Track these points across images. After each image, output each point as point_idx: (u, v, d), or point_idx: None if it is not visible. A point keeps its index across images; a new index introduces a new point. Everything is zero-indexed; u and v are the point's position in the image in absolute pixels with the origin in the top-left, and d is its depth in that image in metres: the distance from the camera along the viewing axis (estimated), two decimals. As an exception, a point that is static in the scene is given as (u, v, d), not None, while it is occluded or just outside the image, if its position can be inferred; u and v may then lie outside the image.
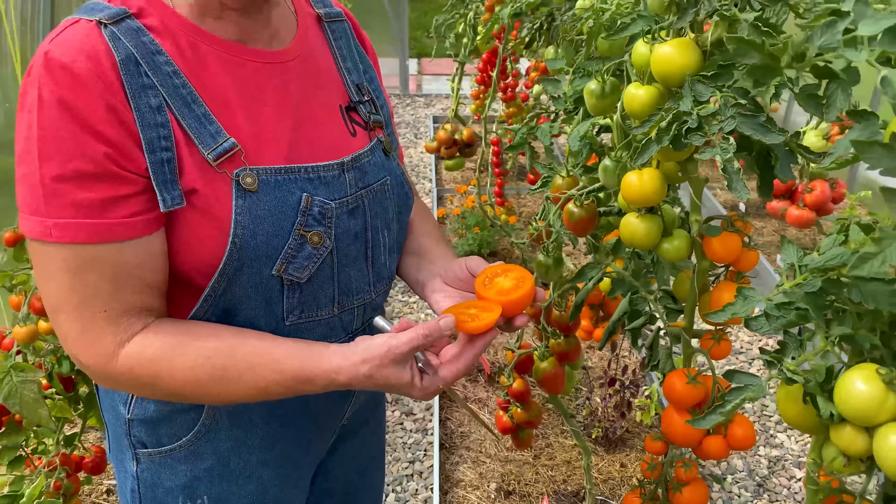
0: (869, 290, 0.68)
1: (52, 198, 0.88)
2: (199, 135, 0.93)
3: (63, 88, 0.87)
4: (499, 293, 1.05)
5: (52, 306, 0.94)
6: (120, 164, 0.89)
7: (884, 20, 0.51)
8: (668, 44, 0.98)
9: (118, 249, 0.91)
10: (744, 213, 4.33)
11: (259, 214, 0.96)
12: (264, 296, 1.00)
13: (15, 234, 1.72)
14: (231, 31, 0.99)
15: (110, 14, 0.91)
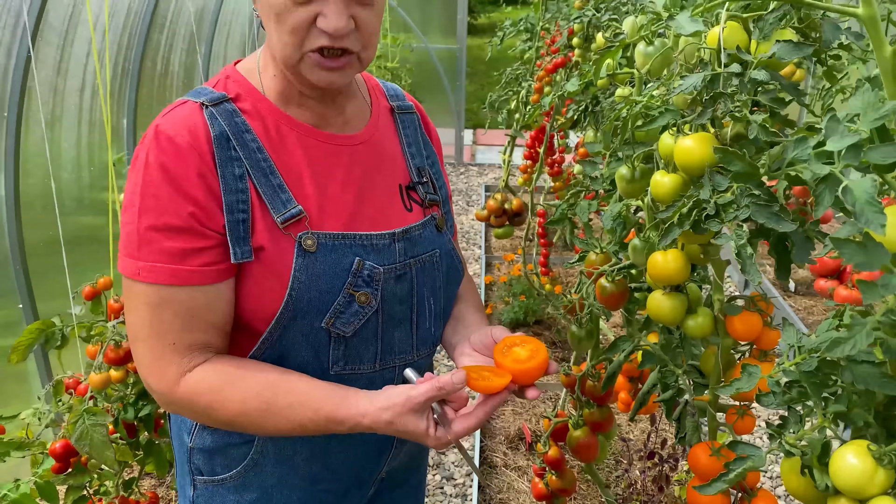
0: (859, 371, 0.74)
1: (144, 244, 1.04)
2: (272, 201, 1.08)
3: (165, 155, 1.04)
4: (514, 361, 1.12)
5: (133, 335, 1.09)
6: (201, 222, 1.04)
7: (847, 138, 0.59)
8: (691, 137, 1.06)
9: (191, 292, 1.05)
10: (793, 291, 4.30)
11: (315, 273, 1.09)
12: (313, 345, 1.12)
13: (93, 288, 1.89)
14: (309, 116, 1.15)
15: (212, 98, 1.09)
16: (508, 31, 3.81)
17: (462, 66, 7.20)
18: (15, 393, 2.65)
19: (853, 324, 0.65)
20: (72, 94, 2.78)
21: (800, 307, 4.14)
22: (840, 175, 0.59)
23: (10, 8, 2.29)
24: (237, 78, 1.15)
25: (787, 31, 1.02)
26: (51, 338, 1.72)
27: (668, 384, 1.40)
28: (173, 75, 3.79)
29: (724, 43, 1.00)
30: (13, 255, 2.43)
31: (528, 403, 3.48)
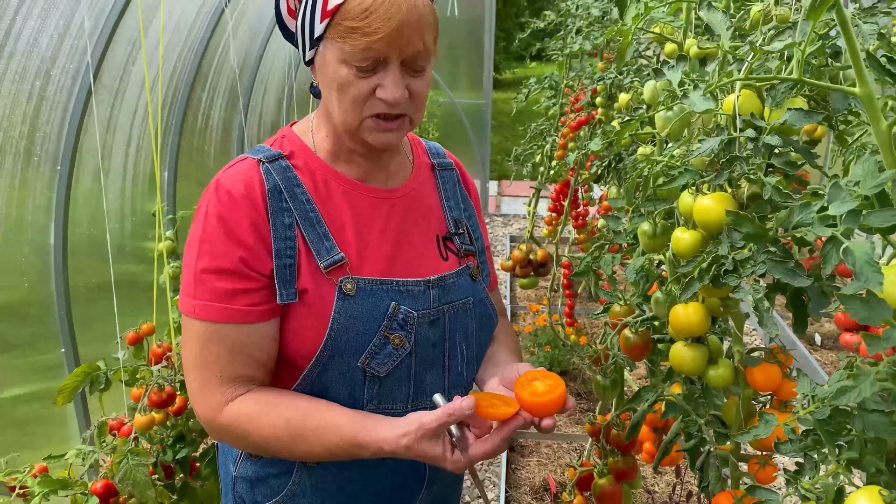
0: (870, 420, 0.79)
1: (198, 284, 1.15)
2: (317, 248, 1.18)
3: (222, 206, 1.15)
4: (531, 394, 1.17)
5: (186, 365, 1.19)
6: (249, 266, 1.15)
7: (847, 203, 0.65)
8: (709, 196, 1.12)
9: (237, 329, 1.15)
10: (819, 345, 4.28)
11: (353, 315, 1.17)
12: (349, 383, 1.20)
13: (136, 334, 1.97)
14: (355, 172, 1.26)
15: (268, 155, 1.21)
16: (533, 88, 3.94)
17: (487, 119, 7.38)
18: (50, 435, 2.73)
19: (858, 373, 0.70)
20: (119, 148, 2.93)
21: (826, 361, 4.11)
22: (841, 237, 0.65)
23: (67, 70, 2.45)
24: (292, 138, 1.27)
25: (798, 100, 1.09)
26: (95, 381, 1.80)
27: (691, 433, 1.43)
28: (212, 129, 3.96)
29: (739, 110, 1.07)
30: (58, 301, 2.53)
31: (552, 454, 3.48)
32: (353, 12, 1.08)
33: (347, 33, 1.09)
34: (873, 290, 0.63)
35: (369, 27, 1.08)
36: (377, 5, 1.07)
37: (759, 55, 0.93)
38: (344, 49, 1.11)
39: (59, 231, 2.50)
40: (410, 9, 1.09)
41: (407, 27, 1.09)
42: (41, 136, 2.46)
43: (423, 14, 1.11)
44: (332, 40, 1.12)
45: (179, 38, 3.37)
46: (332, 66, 1.14)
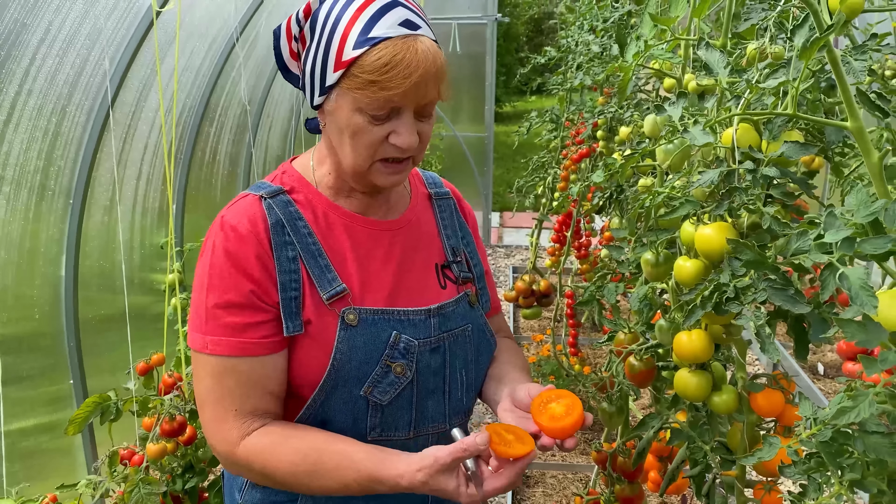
0: (870, 441, 0.81)
1: (210, 319, 1.16)
2: (319, 281, 1.20)
3: (229, 242, 1.17)
4: (550, 419, 1.18)
5: (201, 400, 1.20)
6: (260, 298, 1.16)
7: (842, 231, 0.68)
8: (710, 226, 1.15)
9: (251, 362, 1.16)
10: (823, 374, 4.28)
11: (355, 345, 1.19)
12: (353, 412, 1.21)
13: (146, 364, 2.00)
14: (356, 206, 1.29)
15: (270, 191, 1.23)
16: (535, 121, 4.00)
17: (489, 152, 7.46)
18: (58, 466, 2.73)
19: (857, 394, 0.73)
20: (129, 181, 2.98)
21: (829, 390, 4.12)
22: (837, 264, 0.68)
23: (82, 106, 2.52)
24: (292, 173, 1.29)
25: (794, 133, 1.13)
26: (106, 411, 1.82)
27: (696, 460, 1.44)
28: (220, 163, 4.03)
29: (737, 142, 1.11)
30: (68, 333, 2.56)
31: (557, 484, 3.47)
32: (371, 66, 1.10)
33: (365, 86, 1.11)
34: (869, 313, 0.67)
35: (390, 82, 1.10)
36: (397, 61, 1.09)
37: (756, 92, 0.97)
38: (360, 100, 1.12)
39: (71, 263, 2.54)
40: (428, 64, 1.12)
41: (424, 81, 1.12)
42: (55, 171, 2.51)
43: (440, 67, 1.14)
44: (348, 90, 1.13)
45: (189, 76, 3.45)
46: (346, 114, 1.15)
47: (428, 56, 1.12)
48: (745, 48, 1.24)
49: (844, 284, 0.67)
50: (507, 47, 14.76)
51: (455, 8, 7.15)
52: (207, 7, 3.42)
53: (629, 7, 2.38)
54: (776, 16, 1.17)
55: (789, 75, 0.90)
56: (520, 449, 1.15)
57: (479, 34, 7.15)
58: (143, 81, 2.88)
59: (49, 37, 2.33)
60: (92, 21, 2.45)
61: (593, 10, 2.92)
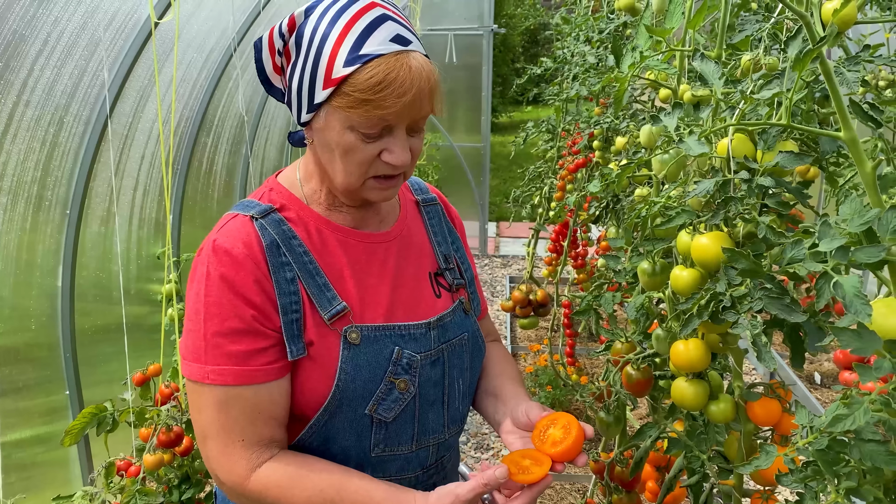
0: (866, 449, 0.81)
1: (210, 349, 1.12)
2: (319, 300, 1.17)
3: (224, 267, 1.13)
4: (552, 445, 1.19)
5: (202, 433, 1.15)
6: (262, 323, 1.13)
7: (836, 240, 0.69)
8: (706, 235, 1.15)
9: (256, 390, 1.13)
10: (819, 384, 4.28)
11: (359, 363, 1.17)
12: (357, 430, 1.20)
13: (143, 375, 1.99)
14: (349, 220, 1.26)
15: (260, 210, 1.19)
16: (531, 132, 4.01)
17: (486, 162, 7.48)
18: (53, 478, 2.72)
19: (852, 402, 0.73)
20: (126, 192, 2.99)
21: (826, 399, 4.12)
22: (832, 272, 0.69)
23: (80, 117, 2.52)
24: (279, 190, 1.25)
25: (789, 143, 1.14)
26: (103, 422, 1.81)
27: (693, 469, 1.45)
28: (216, 174, 4.03)
29: (733, 152, 1.12)
30: (64, 344, 2.56)
31: (556, 495, 3.46)
32: (364, 85, 1.07)
33: (357, 104, 1.08)
34: (863, 322, 0.67)
35: (384, 101, 1.07)
36: (389, 80, 1.06)
37: (750, 102, 0.98)
38: (352, 118, 1.09)
39: (67, 274, 2.54)
40: (422, 82, 1.09)
41: (418, 99, 1.09)
42: (52, 181, 2.51)
43: (433, 83, 1.12)
44: (339, 108, 1.10)
45: (187, 87, 3.46)
46: (336, 132, 1.12)
47: (422, 74, 1.09)
48: (739, 59, 1.25)
49: (839, 293, 0.67)
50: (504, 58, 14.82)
51: (451, 19, 7.19)
52: (205, 19, 3.43)
53: (624, 18, 2.40)
54: (770, 27, 1.18)
55: (783, 86, 0.91)
56: (538, 472, 1.16)
57: (475, 45, 7.18)
58: (140, 92, 2.89)
59: (47, 48, 2.34)
60: (90, 32, 2.46)
61: (589, 22, 2.94)
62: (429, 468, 1.31)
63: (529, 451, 1.21)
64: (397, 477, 1.26)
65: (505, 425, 1.32)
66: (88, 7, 2.45)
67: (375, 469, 1.23)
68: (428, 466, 1.31)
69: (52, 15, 2.30)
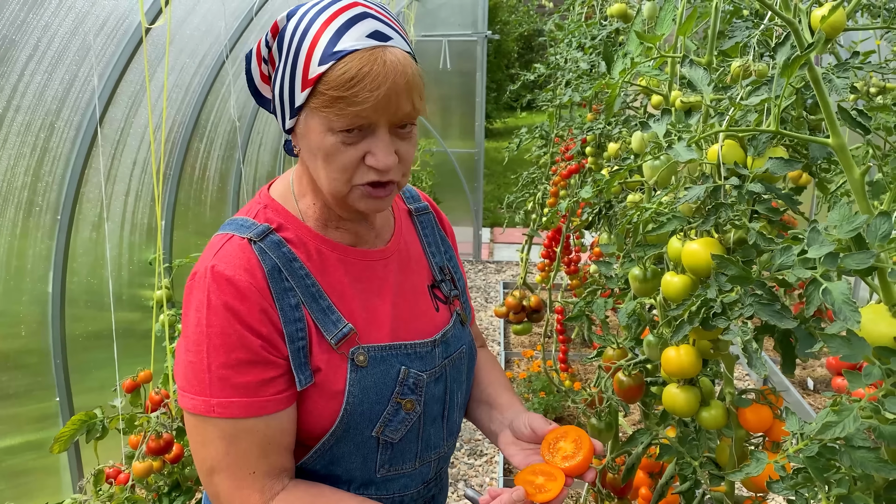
0: (857, 456, 0.81)
1: (216, 381, 1.06)
2: (324, 324, 1.12)
3: (227, 296, 1.07)
4: (563, 459, 1.18)
5: (209, 468, 1.09)
6: (270, 352, 1.08)
7: (825, 247, 0.69)
8: (697, 241, 1.16)
9: (267, 421, 1.08)
10: (812, 389, 4.29)
11: (366, 385, 1.14)
12: (363, 453, 1.17)
13: (133, 381, 1.98)
14: (346, 238, 1.21)
15: (258, 232, 1.12)
16: (525, 137, 4.02)
17: (480, 168, 7.48)
18: (43, 486, 2.70)
19: (842, 409, 0.73)
20: (118, 198, 2.98)
21: (819, 405, 4.13)
22: (820, 279, 0.69)
23: (71, 122, 2.51)
24: (275, 207, 1.19)
25: (779, 149, 1.14)
26: (92, 429, 1.80)
27: (685, 476, 1.44)
28: (209, 179, 4.02)
29: (723, 159, 1.12)
30: (55, 350, 2.54)
31: (548, 502, 3.45)
32: (337, 81, 1.02)
33: (332, 103, 1.03)
34: (852, 328, 0.67)
35: (356, 97, 1.02)
36: (363, 74, 1.01)
37: (740, 108, 0.98)
38: (329, 118, 1.05)
39: (58, 280, 2.52)
40: (397, 76, 1.03)
41: (394, 94, 1.04)
42: (43, 187, 2.50)
43: (411, 78, 1.06)
44: (316, 109, 1.06)
45: (179, 93, 3.45)
46: (316, 135, 1.07)
47: (398, 68, 1.04)
48: (729, 65, 1.26)
49: (828, 299, 0.67)
50: (498, 64, 14.85)
51: (446, 25, 7.21)
52: (198, 25, 3.43)
53: (617, 25, 2.40)
54: (760, 34, 1.18)
55: (772, 92, 0.91)
56: (555, 488, 1.14)
57: (469, 51, 7.19)
58: (132, 98, 2.88)
59: (38, 53, 2.33)
60: (81, 37, 2.45)
61: (582, 28, 2.94)
62: (429, 482, 1.30)
63: (540, 467, 1.19)
64: (400, 494, 1.24)
65: (504, 436, 1.30)
66: (79, 12, 2.45)
67: (380, 488, 1.21)
68: (428, 481, 1.30)
69: (42, 20, 2.29)
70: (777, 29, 1.18)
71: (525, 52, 16.71)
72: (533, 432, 1.26)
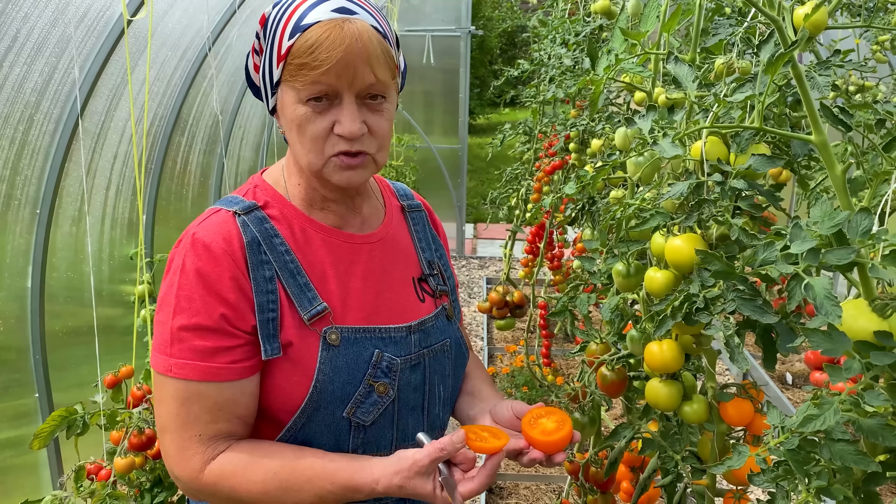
0: (836, 449, 0.82)
1: (176, 342, 1.11)
2: (299, 300, 1.16)
3: (201, 261, 1.12)
4: (542, 433, 1.19)
5: (161, 426, 1.15)
6: (231, 323, 1.12)
7: (807, 243, 0.70)
8: (680, 237, 1.16)
9: (218, 387, 1.12)
10: (791, 384, 4.34)
11: (338, 365, 1.16)
12: (335, 434, 1.19)
13: (115, 377, 1.96)
14: (331, 219, 1.26)
15: (243, 207, 1.19)
16: (508, 134, 4.03)
17: (463, 164, 7.48)
18: (22, 484, 2.67)
19: (822, 402, 0.74)
20: (98, 192, 2.94)
21: (797, 399, 4.18)
22: (802, 274, 0.70)
23: (50, 115, 2.48)
24: (264, 187, 1.25)
25: (761, 146, 1.15)
26: (73, 425, 1.78)
27: (667, 469, 1.46)
28: (191, 173, 3.99)
29: (706, 155, 1.13)
30: (34, 346, 2.51)
31: (531, 496, 3.47)
32: (300, 50, 1.10)
33: (297, 71, 1.11)
34: (833, 323, 0.68)
35: (315, 61, 1.09)
36: (321, 40, 1.09)
37: (724, 105, 0.99)
38: (297, 87, 1.12)
39: (38, 275, 2.49)
40: (354, 40, 1.10)
41: (352, 57, 1.10)
42: (22, 180, 2.46)
43: (369, 45, 1.11)
44: (286, 82, 1.14)
45: (161, 86, 3.42)
46: (290, 108, 1.15)
47: (354, 33, 1.10)
48: (713, 63, 1.27)
49: (810, 294, 0.68)
50: (481, 60, 14.85)
51: (429, 21, 7.19)
52: (179, 18, 3.40)
53: (600, 22, 2.41)
54: (743, 31, 1.19)
55: (756, 89, 0.92)
56: (495, 444, 1.17)
57: (452, 47, 7.18)
58: (113, 90, 2.85)
59: (17, 44, 2.30)
60: (61, 29, 2.42)
61: (565, 25, 2.95)
62: None
63: (489, 427, 1.23)
64: None
65: (482, 419, 1.32)
66: (59, 3, 2.41)
67: None
68: None
69: (21, 11, 2.26)
70: (760, 27, 1.19)
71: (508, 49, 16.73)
72: (513, 415, 1.29)
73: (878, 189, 0.90)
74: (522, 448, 1.21)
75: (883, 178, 0.82)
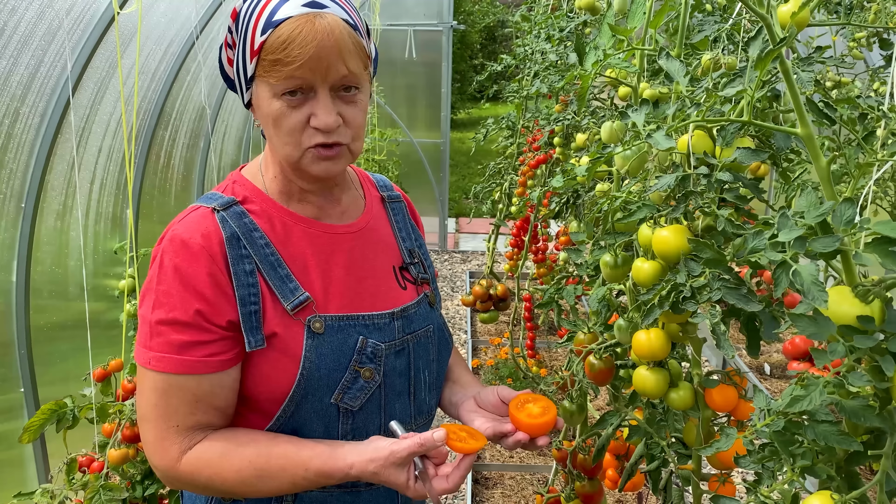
0: (820, 430, 0.86)
1: (154, 336, 1.14)
2: (281, 291, 1.19)
3: (179, 258, 1.15)
4: (528, 416, 1.24)
5: (141, 416, 1.18)
6: (206, 319, 1.14)
7: (795, 231, 0.73)
8: (667, 228, 1.20)
9: (196, 380, 1.15)
10: (769, 374, 4.43)
11: (323, 352, 1.19)
12: (324, 421, 1.21)
13: (104, 370, 1.97)
14: (310, 211, 1.28)
15: (222, 203, 1.21)
16: (492, 128, 4.05)
17: (446, 158, 7.50)
18: (7, 479, 2.65)
19: (808, 384, 0.78)
20: (83, 186, 2.93)
21: (775, 389, 4.27)
22: (790, 261, 0.73)
23: (36, 108, 2.46)
24: (243, 182, 1.28)
25: (746, 140, 1.19)
26: (63, 418, 1.78)
27: (653, 455, 1.49)
28: (174, 168, 3.97)
29: (692, 148, 1.16)
30: (19, 341, 2.50)
31: (516, 485, 3.51)
32: (273, 45, 1.12)
33: (271, 66, 1.13)
34: (820, 308, 0.71)
35: (288, 56, 1.11)
36: (294, 35, 1.11)
37: (714, 99, 1.02)
38: (271, 82, 1.14)
39: (23, 269, 2.48)
40: (326, 35, 1.12)
41: (325, 52, 1.12)
42: (7, 174, 2.45)
43: (341, 39, 1.14)
44: (261, 77, 1.16)
45: (145, 80, 3.40)
46: (265, 103, 1.17)
47: (325, 28, 1.12)
48: (699, 58, 1.30)
49: (797, 280, 0.71)
50: (462, 55, 14.86)
51: (411, 15, 7.19)
52: (164, 11, 3.38)
53: (584, 17, 2.44)
54: (728, 28, 1.22)
55: (745, 84, 0.95)
56: (474, 444, 1.19)
57: (434, 41, 7.19)
58: (98, 84, 2.83)
59: (3, 38, 2.28)
60: (48, 22, 2.40)
61: (549, 20, 2.98)
62: None
63: (468, 428, 1.26)
64: None
65: (467, 405, 1.36)
66: (44, -4, 2.40)
67: None
68: None
69: (7, 4, 2.24)
70: (746, 23, 1.23)
71: (488, 43, 16.75)
72: (498, 400, 1.32)
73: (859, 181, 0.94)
74: (507, 432, 1.26)
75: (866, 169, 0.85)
